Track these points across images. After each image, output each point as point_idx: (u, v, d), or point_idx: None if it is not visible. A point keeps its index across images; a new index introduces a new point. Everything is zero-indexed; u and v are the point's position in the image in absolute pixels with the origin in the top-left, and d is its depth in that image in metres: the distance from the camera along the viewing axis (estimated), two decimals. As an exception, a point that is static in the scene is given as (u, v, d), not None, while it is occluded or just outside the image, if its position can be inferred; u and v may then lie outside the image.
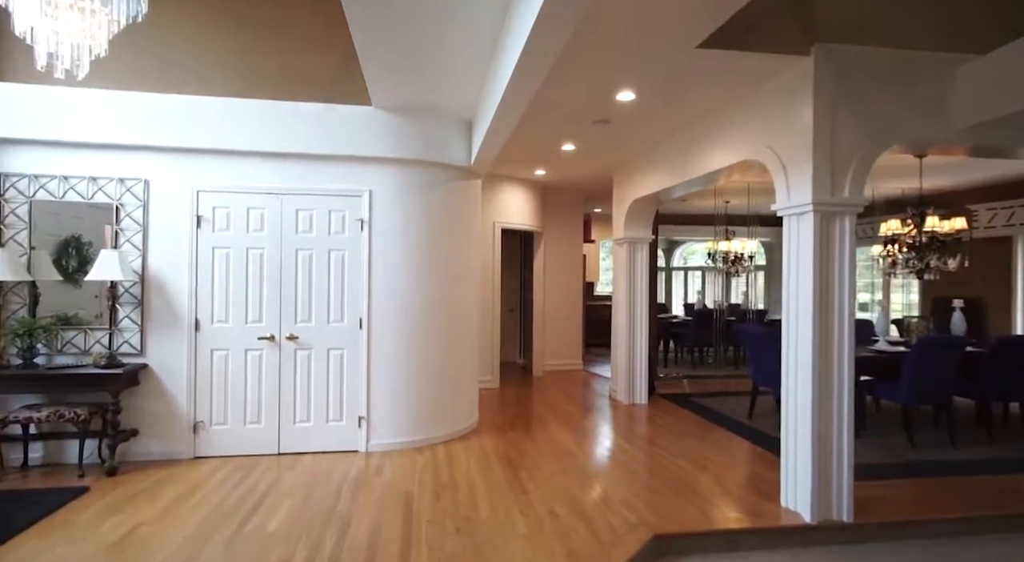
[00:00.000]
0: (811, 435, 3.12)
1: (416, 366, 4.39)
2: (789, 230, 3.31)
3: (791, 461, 3.27)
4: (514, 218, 7.07)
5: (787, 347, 3.32)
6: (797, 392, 3.24)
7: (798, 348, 3.23)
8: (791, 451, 3.28)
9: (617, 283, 6.30)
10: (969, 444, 4.57)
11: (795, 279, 3.26)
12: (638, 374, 6.04)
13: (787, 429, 3.32)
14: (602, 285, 11.96)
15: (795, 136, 3.24)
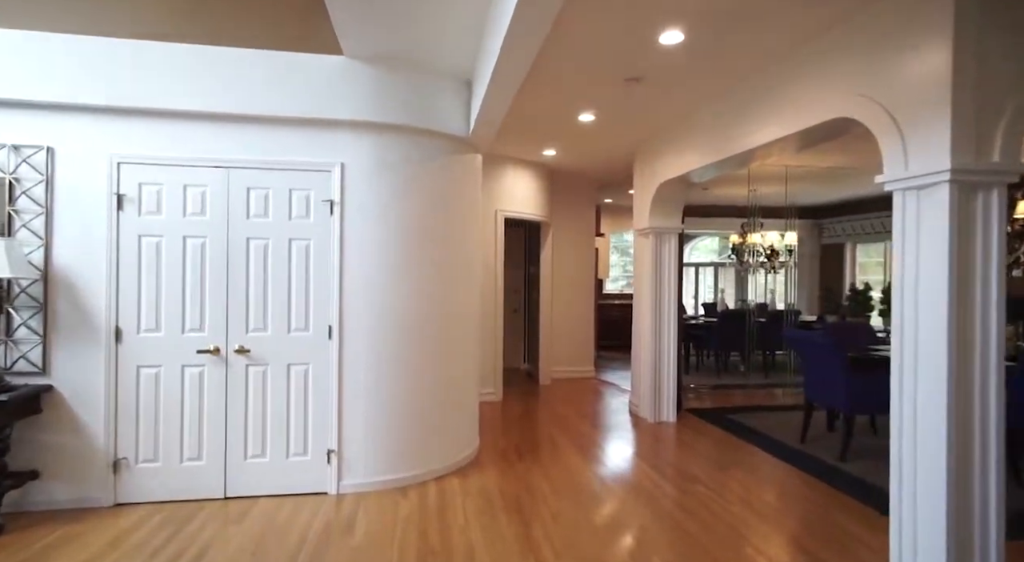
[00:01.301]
0: (945, 487, 2.24)
1: (401, 384, 3.52)
2: (904, 211, 2.43)
3: (907, 519, 2.40)
4: (519, 206, 6.18)
5: (900, 368, 2.45)
6: (919, 428, 2.36)
7: (920, 370, 2.35)
8: (907, 506, 2.40)
9: (640, 280, 5.42)
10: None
11: (913, 277, 2.38)
12: (665, 387, 5.16)
13: (900, 477, 2.44)
14: (611, 282, 11.08)
15: (917, 81, 2.35)
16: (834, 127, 3.04)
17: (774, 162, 6.16)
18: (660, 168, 4.92)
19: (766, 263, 6.45)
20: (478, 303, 4.25)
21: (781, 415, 5.41)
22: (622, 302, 10.29)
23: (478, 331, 4.29)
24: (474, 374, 4.17)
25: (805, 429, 4.57)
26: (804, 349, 4.44)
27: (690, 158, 4.41)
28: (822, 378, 4.29)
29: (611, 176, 7.06)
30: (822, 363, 4.24)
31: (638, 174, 5.49)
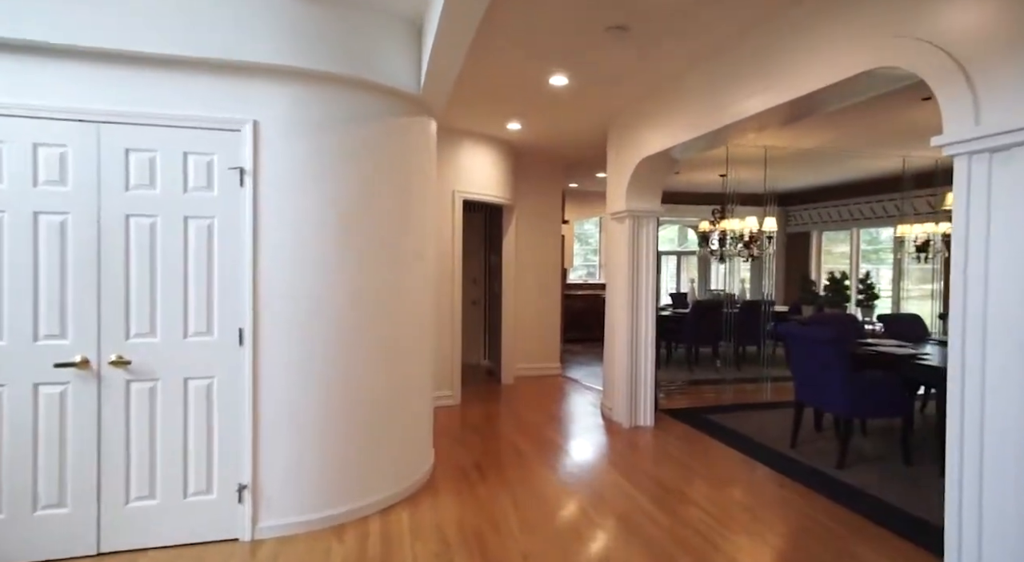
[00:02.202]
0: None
1: (336, 398, 2.83)
2: (970, 180, 1.93)
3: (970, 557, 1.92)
4: (480, 187, 5.52)
5: (961, 375, 1.96)
6: (987, 451, 1.88)
7: (989, 378, 1.87)
8: (972, 543, 1.93)
9: (614, 269, 4.88)
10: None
11: (981, 265, 1.89)
12: (642, 389, 4.65)
13: (957, 505, 1.97)
14: (572, 272, 10.58)
15: (990, 17, 1.84)
16: (858, 85, 2.53)
17: (752, 142, 5.73)
18: (640, 142, 4.36)
19: (744, 251, 6.04)
20: (432, 295, 3.60)
21: (764, 415, 5.01)
22: (586, 292, 9.81)
23: (433, 327, 3.64)
24: (428, 377, 3.53)
25: (795, 432, 4.15)
26: (798, 345, 4.00)
27: (677, 129, 3.86)
28: (817, 377, 3.87)
29: (580, 156, 6.49)
30: (818, 361, 3.81)
31: (613, 151, 4.93)
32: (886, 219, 8.23)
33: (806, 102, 2.84)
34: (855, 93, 2.71)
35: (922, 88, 4.32)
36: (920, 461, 3.79)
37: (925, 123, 4.94)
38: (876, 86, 2.60)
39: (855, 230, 9.07)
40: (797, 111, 3.08)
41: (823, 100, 2.84)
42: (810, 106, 2.96)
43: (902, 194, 6.90)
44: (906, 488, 3.36)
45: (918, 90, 4.20)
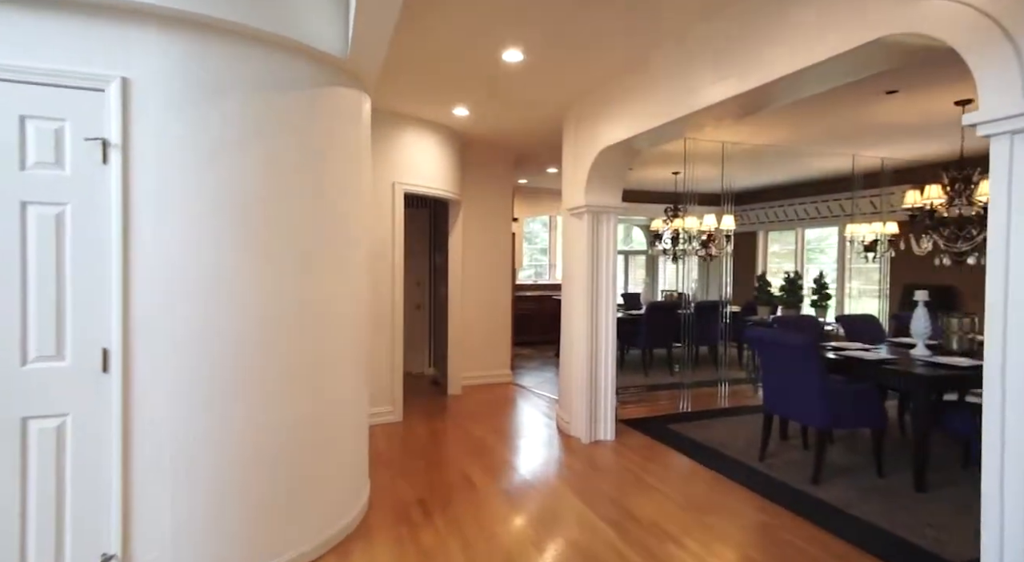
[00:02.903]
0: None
1: (239, 435, 2.25)
2: (1013, 163, 1.62)
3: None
4: (424, 179, 4.99)
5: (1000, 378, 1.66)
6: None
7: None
8: None
9: (571, 269, 4.48)
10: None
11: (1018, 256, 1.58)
12: (603, 400, 4.27)
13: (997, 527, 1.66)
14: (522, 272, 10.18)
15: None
16: (866, 56, 2.20)
17: (710, 136, 5.50)
18: (601, 131, 3.97)
19: (702, 250, 5.81)
20: (368, 301, 3.05)
21: (726, 423, 4.76)
22: (535, 294, 9.43)
23: (368, 336, 3.10)
24: (362, 397, 2.98)
25: (764, 444, 3.88)
26: (770, 351, 3.72)
27: (642, 117, 3.49)
28: (790, 386, 3.60)
29: (532, 149, 6.06)
30: (792, 369, 3.54)
31: (570, 142, 4.52)
32: (830, 219, 8.31)
33: (786, 84, 2.52)
34: (849, 70, 2.40)
35: (887, 81, 4.19)
36: (892, 472, 3.60)
37: (886, 119, 4.83)
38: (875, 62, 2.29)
39: (800, 230, 9.15)
40: (772, 96, 2.76)
41: (803, 83, 2.52)
42: (790, 88, 2.64)
43: (852, 194, 6.90)
44: (887, 506, 3.12)
45: (882, 83, 4.05)
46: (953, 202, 4.24)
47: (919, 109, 4.48)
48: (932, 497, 3.24)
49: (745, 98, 2.75)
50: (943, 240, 4.28)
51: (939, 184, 4.25)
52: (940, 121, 4.77)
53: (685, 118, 3.18)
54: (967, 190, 4.17)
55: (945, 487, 3.39)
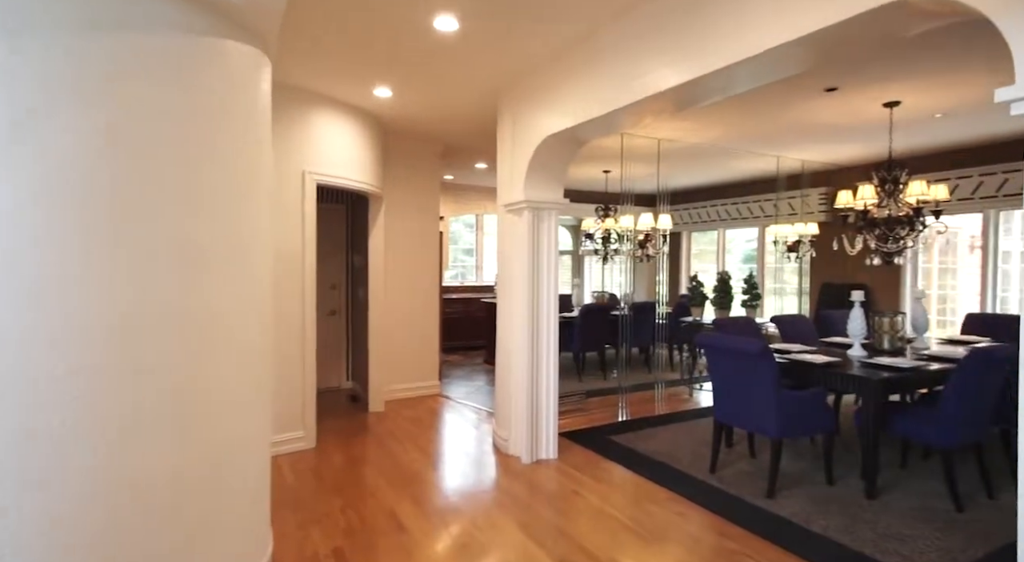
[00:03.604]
0: None
1: (77, 503, 1.62)
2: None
3: None
4: (340, 169, 4.38)
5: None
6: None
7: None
8: None
9: (509, 271, 4.07)
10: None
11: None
12: (545, 415, 3.90)
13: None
14: (447, 273, 9.67)
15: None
16: (871, 24, 1.93)
17: (646, 132, 5.31)
18: (542, 119, 3.59)
19: (638, 250, 5.61)
20: (269, 310, 2.46)
21: (669, 430, 4.55)
22: (461, 296, 8.96)
23: (268, 353, 2.50)
24: (263, 426, 2.39)
25: (715, 456, 3.67)
26: (721, 358, 3.51)
27: (589, 102, 3.14)
28: (743, 394, 3.40)
29: (461, 140, 5.60)
30: (744, 375, 3.34)
31: (507, 129, 4.11)
32: (751, 220, 8.52)
33: (757, 64, 2.26)
34: (866, 35, 2.14)
35: (827, 77, 4.15)
36: (841, 479, 3.50)
37: (818, 119, 4.84)
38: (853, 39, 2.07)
39: (721, 231, 9.35)
40: (738, 79, 2.51)
41: (771, 64, 2.28)
42: (757, 70, 2.39)
43: (776, 195, 7.04)
44: (846, 519, 2.98)
45: (823, 80, 4.00)
46: (882, 203, 4.28)
47: (851, 109, 4.50)
48: (884, 505, 3.15)
49: (705, 82, 2.48)
50: (875, 240, 4.31)
51: (871, 184, 4.27)
52: (868, 123, 4.84)
53: (635, 105, 2.88)
54: (896, 191, 4.22)
55: (892, 491, 3.32)
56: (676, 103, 2.88)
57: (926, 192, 4.05)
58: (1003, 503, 3.19)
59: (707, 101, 2.87)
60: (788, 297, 7.93)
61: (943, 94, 4.12)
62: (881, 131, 5.07)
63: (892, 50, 3.34)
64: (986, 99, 4.25)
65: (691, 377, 6.34)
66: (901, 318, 4.24)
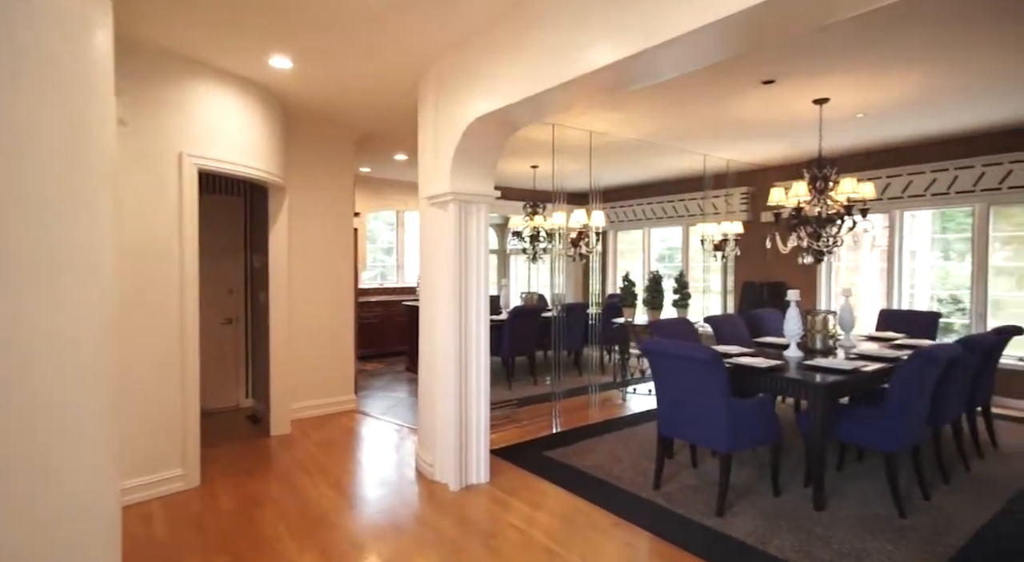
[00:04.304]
0: None
1: None
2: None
3: None
4: (232, 154, 3.70)
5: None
6: None
7: None
8: None
9: (433, 272, 3.60)
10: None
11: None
12: (475, 432, 3.47)
13: None
14: (366, 274, 8.99)
15: None
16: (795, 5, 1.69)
17: (578, 124, 5.02)
18: (471, 97, 3.15)
19: (571, 249, 5.32)
20: (109, 322, 1.84)
21: (607, 441, 4.26)
22: (381, 299, 8.33)
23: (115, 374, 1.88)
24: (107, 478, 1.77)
25: (659, 471, 3.41)
26: (667, 365, 3.24)
27: (525, 78, 2.74)
28: (691, 406, 3.15)
29: (378, 126, 5.03)
30: (692, 384, 3.09)
31: (429, 111, 3.63)
32: (676, 218, 8.55)
33: (697, 40, 1.97)
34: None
35: (765, 69, 4.02)
36: (785, 488, 3.35)
37: (750, 115, 4.75)
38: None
39: (647, 229, 9.35)
40: (678, 56, 2.23)
41: (710, 41, 2.01)
42: (697, 47, 2.11)
43: (704, 194, 7.04)
44: (799, 535, 2.79)
45: (761, 72, 3.86)
46: (813, 201, 4.24)
47: (783, 104, 4.44)
48: (832, 516, 3.01)
49: (645, 58, 2.17)
50: (808, 238, 4.26)
51: (804, 181, 4.21)
52: (798, 120, 4.82)
53: (570, 85, 2.54)
54: (826, 188, 4.18)
55: (835, 498, 3.20)
56: (614, 82, 2.57)
57: (856, 190, 4.03)
58: (939, 504, 3.15)
59: (646, 82, 2.58)
60: (711, 296, 8.02)
61: (867, 93, 4.13)
62: (806, 129, 5.09)
63: (825, 43, 3.24)
64: (907, 100, 4.32)
65: (624, 379, 6.16)
66: (832, 317, 4.21)
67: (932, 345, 3.13)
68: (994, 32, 3.10)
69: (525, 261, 8.96)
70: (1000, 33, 3.12)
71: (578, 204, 7.74)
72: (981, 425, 4.15)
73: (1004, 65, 3.63)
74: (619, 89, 2.70)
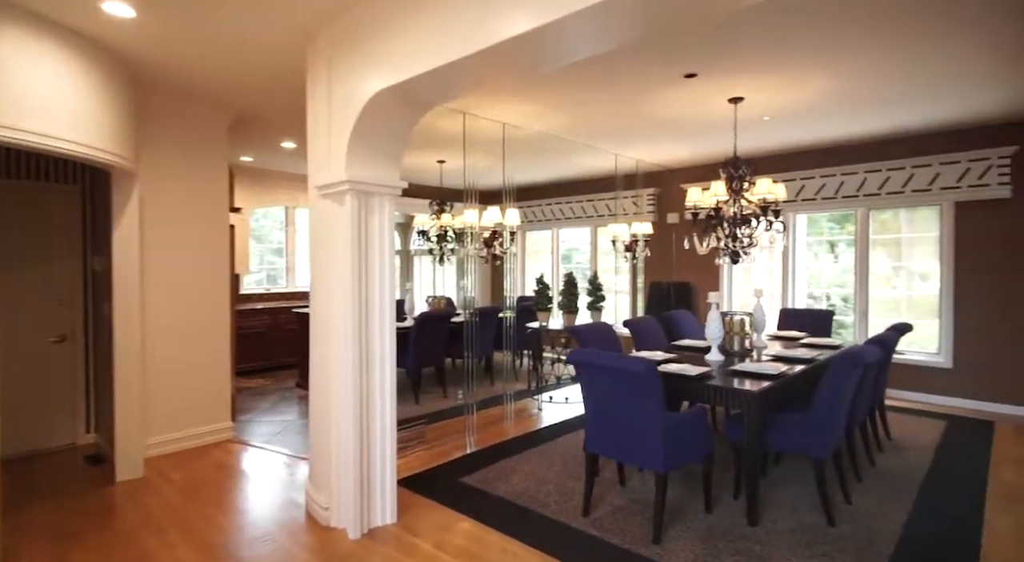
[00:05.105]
0: None
1: None
2: None
3: None
4: (43, 123, 2.83)
5: None
6: None
7: None
8: None
9: (325, 275, 3.01)
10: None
11: None
12: (379, 465, 2.93)
13: None
14: (248, 277, 7.98)
15: None
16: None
17: (490, 113, 4.63)
18: (371, 68, 2.62)
19: (483, 250, 4.90)
20: None
21: (527, 460, 3.89)
22: (268, 306, 7.41)
23: None
24: None
25: (588, 495, 3.09)
26: (599, 378, 2.92)
27: (433, 45, 2.28)
28: (621, 421, 2.85)
29: (260, 103, 4.28)
30: (625, 400, 2.79)
31: (320, 84, 3.03)
32: (585, 219, 8.45)
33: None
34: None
35: (685, 65, 3.87)
36: (716, 502, 3.18)
37: (667, 111, 4.62)
38: None
39: (555, 230, 9.19)
40: (601, 27, 1.93)
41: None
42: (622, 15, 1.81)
43: (615, 194, 6.94)
44: (742, 559, 2.59)
45: (684, 65, 3.70)
46: (729, 200, 4.18)
47: (701, 103, 4.35)
48: (767, 532, 2.85)
49: (564, 28, 1.85)
50: (726, 238, 4.18)
51: (723, 180, 4.13)
52: (714, 119, 4.78)
53: (481, 57, 2.15)
54: (742, 188, 4.13)
55: (766, 511, 3.07)
56: (530, 56, 2.22)
57: (772, 191, 4.01)
58: (860, 506, 3.13)
59: (561, 59, 2.26)
60: (620, 296, 8.00)
61: (779, 94, 4.14)
62: (718, 129, 5.08)
63: (745, 37, 3.13)
64: (810, 105, 4.40)
65: (540, 386, 5.86)
66: (748, 318, 4.17)
67: (856, 346, 3.09)
68: (881, 43, 3.20)
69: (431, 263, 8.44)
70: (882, 46, 3.23)
71: (488, 204, 7.36)
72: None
73: (889, 79, 3.81)
74: (535, 67, 2.34)
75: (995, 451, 4.12)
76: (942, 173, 5.41)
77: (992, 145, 5.13)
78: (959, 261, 5.44)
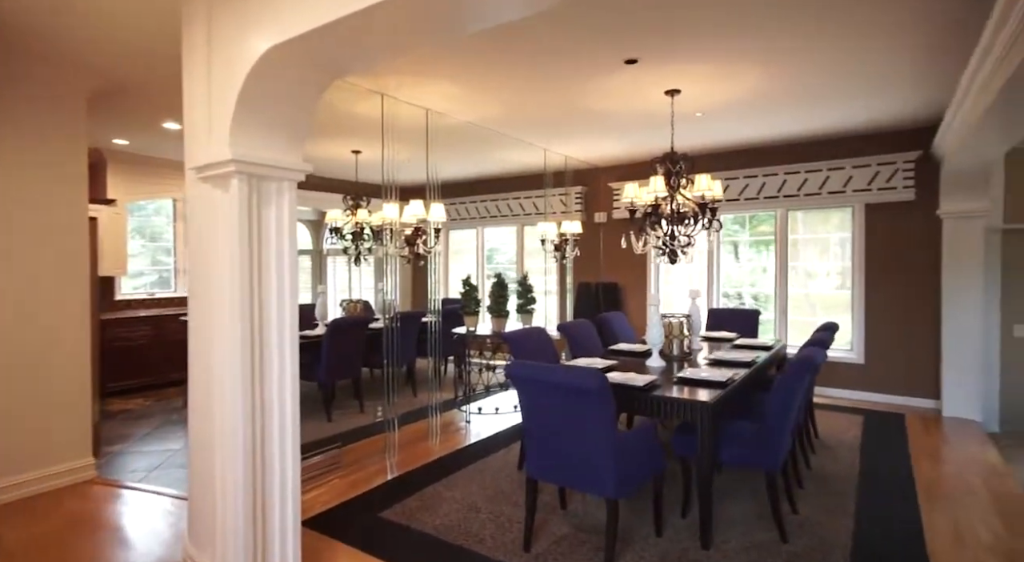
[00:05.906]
0: None
1: None
2: None
3: None
4: None
5: None
6: None
7: None
8: None
9: (204, 274, 2.42)
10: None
11: None
12: (277, 501, 2.38)
13: None
14: (131, 280, 6.93)
15: None
16: None
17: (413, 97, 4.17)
18: (262, 17, 2.08)
19: (405, 249, 4.41)
20: None
21: (458, 485, 3.47)
22: (150, 313, 6.44)
23: None
24: None
25: (529, 527, 2.72)
26: (542, 395, 2.55)
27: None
28: (568, 443, 2.51)
29: (129, 73, 3.53)
30: (573, 419, 2.46)
31: (196, 47, 2.43)
32: (511, 218, 8.14)
33: None
34: None
35: (626, 48, 3.61)
36: (665, 523, 2.92)
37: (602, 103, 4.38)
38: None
39: (480, 229, 8.81)
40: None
41: None
42: None
43: (545, 191, 6.66)
44: (701, 592, 2.33)
45: (624, 49, 3.44)
46: (667, 197, 3.99)
47: (639, 94, 4.14)
48: (723, 554, 2.64)
49: None
50: (664, 236, 3.99)
51: (660, 176, 3.93)
52: (649, 112, 4.60)
53: (391, 5, 1.72)
54: (680, 185, 3.96)
55: (717, 530, 2.86)
56: (450, 11, 1.82)
57: (711, 187, 3.86)
58: (807, 516, 3.00)
59: (487, 18, 1.89)
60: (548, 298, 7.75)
61: (714, 86, 4.01)
62: (652, 124, 4.93)
63: (688, 23, 2.94)
64: (741, 101, 4.33)
65: (467, 396, 5.45)
66: (686, 320, 4.00)
67: (807, 350, 2.95)
68: (811, 42, 3.17)
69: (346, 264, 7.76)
70: (811, 46, 3.22)
71: (412, 198, 6.83)
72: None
73: (814, 78, 3.82)
74: (457, 24, 1.95)
75: (911, 444, 4.24)
76: (854, 176, 5.60)
77: (900, 149, 5.36)
78: (869, 260, 5.66)
